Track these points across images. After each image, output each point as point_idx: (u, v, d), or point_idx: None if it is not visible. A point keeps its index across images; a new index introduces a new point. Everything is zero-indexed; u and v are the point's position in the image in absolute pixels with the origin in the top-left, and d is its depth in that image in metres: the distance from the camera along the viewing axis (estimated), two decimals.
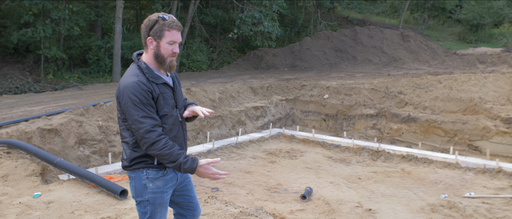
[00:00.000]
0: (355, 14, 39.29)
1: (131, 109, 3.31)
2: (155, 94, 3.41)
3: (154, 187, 3.53)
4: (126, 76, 3.43)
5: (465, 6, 37.00)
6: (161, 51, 3.46)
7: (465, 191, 9.24)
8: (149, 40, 3.44)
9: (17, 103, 12.48)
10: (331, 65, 24.91)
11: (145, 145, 3.33)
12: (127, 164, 3.53)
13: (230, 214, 6.03)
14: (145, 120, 3.31)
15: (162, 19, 3.42)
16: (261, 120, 14.89)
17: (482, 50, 26.54)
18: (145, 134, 3.30)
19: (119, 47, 18.55)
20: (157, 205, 3.56)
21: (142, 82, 3.35)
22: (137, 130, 3.32)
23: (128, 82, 3.34)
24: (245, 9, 22.55)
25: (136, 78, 3.36)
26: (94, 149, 9.99)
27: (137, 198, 3.56)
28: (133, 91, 3.30)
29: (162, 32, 3.42)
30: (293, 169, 10.71)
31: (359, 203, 8.38)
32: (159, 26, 3.42)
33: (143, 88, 3.33)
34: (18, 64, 19.55)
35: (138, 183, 3.52)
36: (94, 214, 5.85)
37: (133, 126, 3.33)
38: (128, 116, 3.34)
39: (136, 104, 3.30)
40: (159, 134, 3.33)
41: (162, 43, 3.44)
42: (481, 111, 12.95)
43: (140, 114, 3.31)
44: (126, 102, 3.32)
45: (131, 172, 3.54)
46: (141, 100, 3.31)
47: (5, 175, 7.08)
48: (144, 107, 3.32)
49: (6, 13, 19.88)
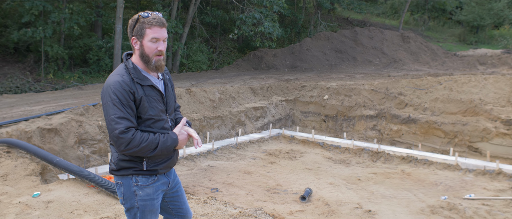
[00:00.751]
0: (355, 15, 39.29)
1: (109, 108, 3.19)
2: (138, 95, 3.28)
3: (144, 195, 3.40)
4: (111, 75, 3.33)
5: (466, 7, 36.99)
6: (145, 51, 3.33)
7: (465, 192, 9.24)
8: (133, 40, 3.34)
9: (17, 103, 12.48)
10: (331, 66, 24.91)
11: (121, 146, 3.18)
12: (114, 168, 3.40)
13: (230, 214, 6.03)
14: (121, 121, 3.17)
15: (142, 17, 3.31)
16: (261, 121, 14.89)
17: (482, 51, 26.55)
18: (119, 134, 3.14)
19: (120, 47, 18.55)
20: (147, 212, 3.44)
21: (125, 82, 3.24)
22: (112, 131, 3.17)
23: (111, 81, 3.24)
24: (246, 10, 22.55)
25: (120, 77, 3.25)
26: (94, 149, 9.99)
27: (125, 205, 3.43)
28: (114, 90, 3.19)
29: (143, 31, 3.30)
30: (293, 170, 10.70)
31: (358, 204, 8.38)
32: (140, 24, 3.30)
33: (124, 88, 3.21)
34: (18, 64, 19.55)
35: (127, 190, 3.40)
36: (93, 214, 5.84)
37: (108, 126, 3.20)
38: (106, 115, 3.22)
39: (114, 104, 3.18)
40: (133, 133, 3.19)
41: (145, 42, 3.31)
42: (481, 112, 12.95)
43: (117, 114, 3.18)
44: (106, 101, 3.21)
45: (119, 178, 3.41)
46: (120, 100, 3.19)
47: (4, 175, 7.07)
48: (122, 108, 3.19)
49: (7, 13, 19.88)
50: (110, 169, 3.45)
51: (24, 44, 19.54)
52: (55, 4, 18.44)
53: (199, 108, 13.17)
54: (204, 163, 10.83)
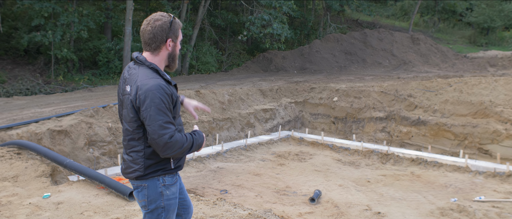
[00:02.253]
0: (364, 17, 39.20)
1: (155, 114, 3.12)
2: (175, 97, 3.30)
3: (170, 194, 3.42)
4: (145, 78, 3.21)
5: (476, 9, 36.82)
6: (176, 51, 3.40)
7: (475, 195, 9.18)
8: (169, 41, 3.32)
9: (28, 105, 12.56)
10: (340, 67, 24.87)
11: (169, 149, 3.16)
12: (141, 174, 3.33)
13: (239, 216, 6.03)
14: (169, 126, 3.16)
15: (174, 18, 3.33)
16: (270, 123, 14.89)
17: (492, 53, 26.41)
18: (169, 140, 3.13)
19: (129, 49, 18.62)
20: (171, 211, 3.45)
21: (165, 85, 3.20)
22: (159, 137, 3.12)
23: (151, 85, 3.15)
24: (255, 11, 22.56)
25: (158, 80, 3.20)
26: (103, 151, 10.03)
27: (150, 206, 3.39)
28: (158, 94, 3.14)
29: (178, 31, 3.36)
30: (302, 172, 10.69)
31: (368, 206, 8.35)
32: (175, 25, 3.33)
33: (166, 92, 3.18)
34: (28, 66, 19.69)
35: (152, 191, 3.36)
36: (103, 215, 5.87)
37: (157, 132, 3.13)
38: (150, 121, 3.13)
39: (160, 109, 3.13)
40: (180, 137, 3.22)
41: (178, 43, 3.39)
42: (492, 114, 12.86)
43: (164, 119, 3.14)
44: (149, 106, 3.12)
45: (144, 181, 3.36)
46: (165, 105, 3.15)
47: (15, 176, 7.12)
48: (167, 112, 3.17)
49: (17, 16, 20.04)
50: (135, 176, 3.37)
51: (34, 46, 19.68)
52: (65, 7, 18.55)
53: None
54: (213, 165, 10.84)
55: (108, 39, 21.77)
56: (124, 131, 3.39)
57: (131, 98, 3.22)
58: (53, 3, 17.85)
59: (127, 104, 3.29)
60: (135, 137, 3.32)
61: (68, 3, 18.89)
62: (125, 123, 3.34)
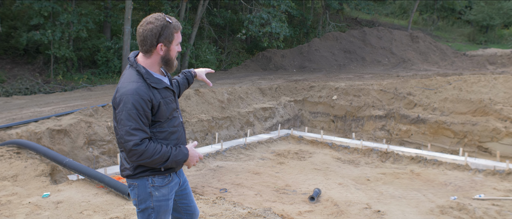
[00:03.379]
0: (363, 15, 39.19)
1: (124, 118, 3.13)
2: (156, 101, 3.25)
3: (160, 195, 3.39)
4: (124, 82, 3.24)
5: (475, 7, 36.81)
6: (171, 54, 3.35)
7: (475, 193, 9.18)
8: (160, 46, 3.27)
9: (27, 104, 12.55)
10: (339, 66, 24.86)
11: (134, 157, 3.15)
12: (130, 173, 3.35)
13: (238, 214, 6.03)
14: (136, 133, 3.13)
15: (169, 22, 3.27)
16: (269, 121, 14.89)
17: (491, 51, 26.39)
18: (133, 147, 3.11)
19: (128, 48, 18.62)
20: (161, 213, 3.43)
21: (142, 90, 3.18)
22: (125, 142, 3.13)
23: (127, 89, 3.16)
24: (254, 10, 22.55)
25: (136, 85, 3.19)
26: (103, 150, 10.03)
27: (140, 206, 3.41)
28: (132, 100, 3.12)
29: (172, 36, 3.29)
30: (302, 170, 10.69)
31: (367, 205, 8.35)
32: (168, 30, 3.26)
33: (142, 97, 3.15)
34: (28, 65, 19.68)
35: (142, 191, 3.37)
36: (102, 214, 5.86)
37: (124, 136, 3.15)
38: (120, 125, 3.16)
39: (130, 114, 3.12)
40: (146, 144, 3.16)
41: (173, 46, 3.33)
42: (491, 112, 12.87)
43: (133, 125, 3.12)
44: (121, 110, 3.15)
45: (134, 179, 3.38)
46: (137, 110, 3.13)
47: (14, 175, 7.12)
48: (138, 118, 3.14)
49: (16, 15, 20.02)
50: (125, 174, 3.40)
51: (33, 46, 19.66)
52: (64, 6, 18.53)
53: (208, 108, 13.19)
54: (213, 164, 10.84)
55: (107, 38, 21.76)
56: (114, 130, 3.38)
57: (112, 99, 3.28)
58: (53, 2, 17.84)
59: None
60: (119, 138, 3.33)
61: (67, 2, 18.88)
62: (115, 123, 3.33)
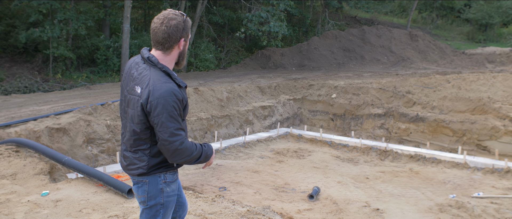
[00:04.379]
0: (363, 13, 39.18)
1: (166, 121, 3.09)
2: (185, 101, 3.25)
3: (170, 191, 3.42)
4: (158, 83, 3.14)
5: (474, 5, 36.82)
6: (185, 50, 3.36)
7: (474, 191, 9.19)
8: (182, 40, 3.27)
9: (26, 102, 12.55)
10: (339, 64, 24.87)
11: (178, 156, 3.17)
12: (144, 171, 3.32)
13: (237, 213, 6.03)
14: (180, 132, 3.15)
15: (186, 17, 3.29)
16: (268, 120, 14.89)
17: (491, 49, 26.41)
18: (179, 146, 3.13)
19: (127, 47, 18.60)
20: (169, 208, 3.46)
21: (176, 90, 3.15)
22: (171, 143, 3.11)
23: (164, 91, 3.10)
24: (253, 9, 22.54)
25: (170, 85, 3.14)
26: (102, 148, 10.02)
27: (149, 202, 3.38)
28: (171, 102, 3.09)
29: (189, 30, 3.31)
30: (301, 169, 10.69)
31: (366, 203, 8.36)
32: (188, 24, 3.29)
33: (178, 98, 3.13)
34: (27, 64, 19.67)
35: (153, 187, 3.36)
36: (101, 212, 5.86)
37: (168, 139, 3.11)
38: (162, 127, 3.10)
39: (172, 116, 3.10)
40: (186, 142, 3.19)
41: (188, 41, 3.35)
42: (490, 110, 12.88)
43: (176, 126, 3.12)
44: (161, 113, 3.08)
45: (145, 176, 3.35)
46: (177, 111, 3.13)
47: (14, 174, 7.11)
48: (179, 118, 3.15)
49: (15, 13, 20.01)
50: (138, 173, 3.34)
51: (32, 44, 19.65)
52: (63, 4, 18.52)
53: (207, 107, 13.19)
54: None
55: (106, 37, 21.75)
56: (129, 131, 3.32)
57: (142, 101, 3.16)
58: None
59: (136, 105, 3.22)
60: (142, 137, 3.28)
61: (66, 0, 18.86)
62: (132, 124, 3.28)
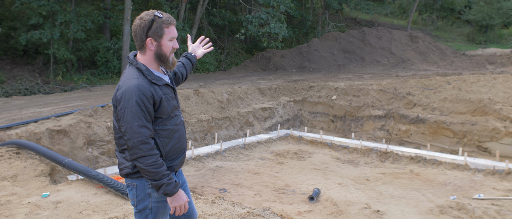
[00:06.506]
0: (363, 15, 39.20)
1: (128, 116, 3.14)
2: (157, 97, 3.26)
3: (158, 196, 3.38)
4: (125, 79, 3.25)
5: (474, 6, 36.83)
6: (163, 50, 3.33)
7: (474, 192, 9.19)
8: (149, 41, 3.29)
9: (27, 104, 12.55)
10: (339, 66, 24.87)
11: (134, 155, 3.16)
12: (129, 172, 3.34)
13: (237, 214, 6.03)
14: (142, 130, 3.14)
15: (158, 16, 3.28)
16: (269, 121, 14.89)
17: (491, 51, 26.41)
18: (139, 145, 3.13)
19: (128, 49, 18.62)
20: (159, 214, 3.43)
21: (144, 86, 3.19)
22: (130, 139, 3.14)
23: (129, 86, 3.17)
24: (253, 10, 22.55)
25: (138, 81, 3.20)
26: (102, 150, 10.03)
27: (138, 206, 3.40)
28: (135, 97, 3.13)
29: (162, 30, 3.29)
30: (301, 170, 10.69)
31: (367, 205, 8.36)
32: (157, 24, 3.27)
33: (144, 93, 3.16)
34: (27, 66, 19.68)
35: (141, 191, 3.37)
36: (102, 214, 5.87)
37: (127, 134, 3.15)
38: (124, 122, 3.16)
39: (134, 112, 3.13)
40: (151, 148, 3.17)
41: (164, 42, 3.32)
42: (491, 112, 12.87)
43: (138, 123, 3.13)
44: (124, 107, 3.15)
45: (133, 179, 3.37)
46: (141, 108, 3.14)
47: (14, 175, 7.12)
48: (142, 116, 3.15)
49: (15, 15, 20.03)
50: (124, 173, 3.38)
51: (33, 46, 19.67)
52: (63, 6, 18.54)
53: (207, 109, 13.19)
54: (212, 164, 10.84)
55: (106, 39, 21.77)
56: (114, 129, 3.40)
57: (113, 97, 3.29)
58: (52, 1, 17.84)
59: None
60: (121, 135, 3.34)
61: (66, 2, 18.88)
62: (115, 122, 3.36)
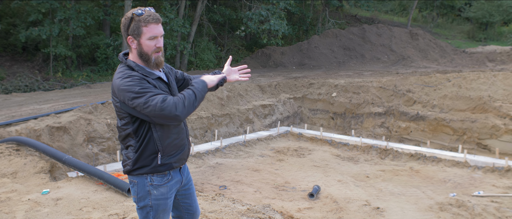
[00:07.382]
0: (363, 12, 39.15)
1: (135, 100, 3.08)
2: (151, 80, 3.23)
3: (158, 194, 3.39)
4: (117, 78, 3.21)
5: (474, 4, 36.79)
6: (144, 49, 3.25)
7: (474, 189, 9.19)
8: (130, 39, 3.24)
9: (27, 101, 12.55)
10: (339, 63, 24.85)
11: (171, 113, 3.08)
12: (130, 168, 3.35)
13: (238, 211, 6.04)
14: (155, 97, 3.08)
15: (137, 15, 3.20)
16: (269, 118, 14.89)
17: (491, 48, 26.41)
18: (162, 105, 3.05)
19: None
20: (160, 211, 3.43)
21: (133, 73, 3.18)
22: (153, 109, 3.05)
23: (121, 81, 3.15)
24: (253, 7, 22.52)
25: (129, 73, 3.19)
26: (102, 147, 10.03)
27: (139, 203, 3.41)
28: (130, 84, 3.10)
29: (140, 29, 3.20)
30: (301, 168, 10.69)
31: (367, 202, 8.36)
32: (135, 23, 3.20)
33: (135, 76, 3.15)
34: (27, 63, 19.67)
35: (141, 189, 3.37)
36: (102, 210, 5.87)
37: (146, 110, 3.06)
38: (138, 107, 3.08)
39: (137, 92, 3.08)
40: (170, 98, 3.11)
41: (143, 41, 3.23)
42: (490, 109, 12.87)
43: (147, 96, 3.07)
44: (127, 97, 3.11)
45: (134, 177, 3.38)
46: (140, 87, 3.09)
47: (14, 172, 7.12)
48: (147, 90, 3.10)
49: (15, 12, 20.01)
50: (125, 170, 3.39)
51: (32, 43, 19.65)
52: (63, 3, 18.52)
53: (207, 106, 13.19)
54: (213, 161, 10.84)
55: (106, 36, 21.74)
56: (117, 129, 3.41)
57: (112, 95, 3.26)
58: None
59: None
60: (124, 133, 3.33)
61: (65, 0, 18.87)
62: (117, 119, 3.36)
